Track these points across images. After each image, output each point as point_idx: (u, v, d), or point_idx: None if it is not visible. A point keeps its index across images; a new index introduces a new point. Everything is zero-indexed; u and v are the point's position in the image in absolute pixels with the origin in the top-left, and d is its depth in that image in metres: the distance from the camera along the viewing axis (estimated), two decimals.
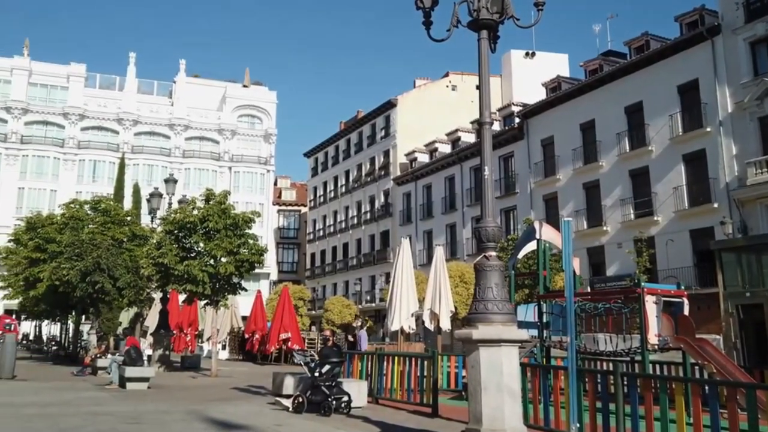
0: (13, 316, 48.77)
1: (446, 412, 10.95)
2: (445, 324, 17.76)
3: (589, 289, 28.60)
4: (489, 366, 6.86)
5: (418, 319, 18.85)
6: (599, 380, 8.70)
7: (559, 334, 12.59)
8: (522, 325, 10.32)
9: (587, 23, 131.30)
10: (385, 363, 13.06)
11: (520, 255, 15.51)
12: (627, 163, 33.93)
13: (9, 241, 29.86)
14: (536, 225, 14.11)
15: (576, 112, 37.31)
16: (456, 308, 21.34)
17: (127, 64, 65.48)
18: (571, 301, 8.82)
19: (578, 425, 8.21)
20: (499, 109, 45.10)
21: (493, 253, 7.29)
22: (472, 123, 46.73)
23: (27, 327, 52.89)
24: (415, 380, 12.16)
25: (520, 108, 42.68)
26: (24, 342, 46.91)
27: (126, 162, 58.81)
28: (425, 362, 11.93)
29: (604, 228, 34.59)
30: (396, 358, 13.09)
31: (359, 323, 20.49)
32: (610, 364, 12.81)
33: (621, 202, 33.97)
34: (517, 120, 42.69)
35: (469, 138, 47.99)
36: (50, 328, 49.11)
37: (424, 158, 51.89)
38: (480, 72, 7.63)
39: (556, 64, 51.02)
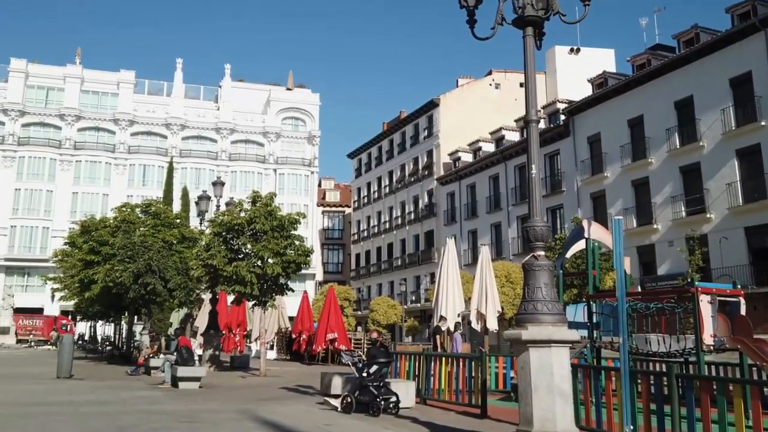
0: (69, 317, 50.68)
1: (495, 413, 10.86)
2: (492, 324, 17.61)
3: (639, 289, 27.99)
4: (539, 367, 6.76)
5: (465, 319, 18.74)
6: (653, 382, 8.49)
7: (609, 335, 12.35)
8: (571, 325, 10.14)
9: (633, 17, 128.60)
10: (432, 363, 13.03)
11: (569, 254, 15.23)
12: (677, 159, 33.11)
13: (65, 244, 30.75)
14: (585, 224, 13.82)
15: (623, 108, 36.57)
16: (502, 308, 21.14)
17: (174, 70, 67.13)
18: (622, 300, 8.63)
19: (632, 427, 8.03)
20: (544, 107, 44.47)
21: (542, 253, 7.18)
22: (516, 121, 46.25)
23: (82, 327, 54.55)
24: (463, 381, 12.08)
25: (566, 105, 42.09)
26: (79, 342, 48.29)
27: (174, 166, 60.10)
28: (473, 363, 11.85)
29: (655, 226, 33.82)
30: (443, 358, 13.05)
31: (446, 327, 19.10)
32: (663, 365, 12.54)
33: (671, 199, 33.16)
34: (562, 117, 42.09)
35: (513, 136, 47.50)
36: (104, 329, 50.54)
37: (467, 158, 51.57)
38: (525, 69, 7.51)
39: (602, 60, 50.19)
